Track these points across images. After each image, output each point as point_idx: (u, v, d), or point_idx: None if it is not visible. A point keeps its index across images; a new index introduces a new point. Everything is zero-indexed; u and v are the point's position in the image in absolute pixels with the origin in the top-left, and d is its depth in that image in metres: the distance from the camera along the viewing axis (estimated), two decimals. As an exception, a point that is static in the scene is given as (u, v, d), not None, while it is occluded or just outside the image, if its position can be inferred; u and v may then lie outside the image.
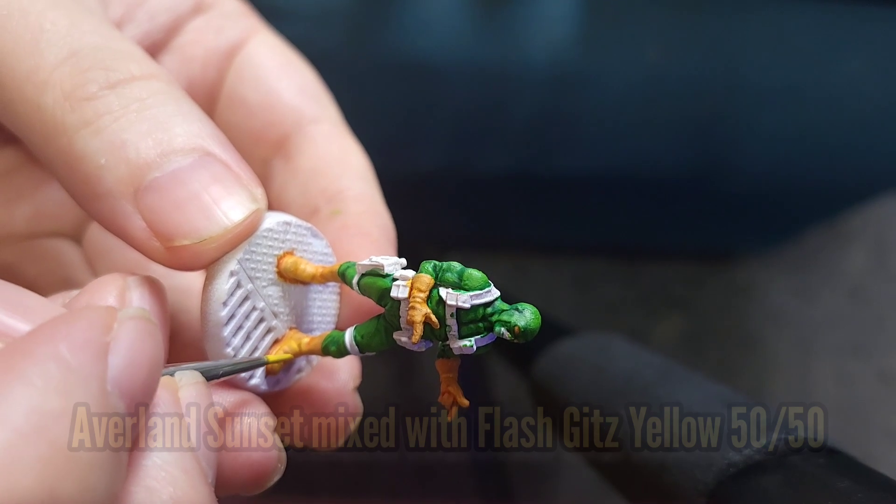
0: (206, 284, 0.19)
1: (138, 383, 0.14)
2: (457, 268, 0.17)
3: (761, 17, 0.52)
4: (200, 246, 0.18)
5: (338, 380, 0.22)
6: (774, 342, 0.83)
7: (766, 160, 0.59)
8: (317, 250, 0.21)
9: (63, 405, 0.12)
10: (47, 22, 0.18)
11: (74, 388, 0.13)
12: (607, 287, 0.86)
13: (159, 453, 0.15)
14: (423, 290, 0.17)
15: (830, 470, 0.25)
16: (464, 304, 0.17)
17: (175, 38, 0.23)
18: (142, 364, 0.14)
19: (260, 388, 0.21)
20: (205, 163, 0.18)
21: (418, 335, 0.17)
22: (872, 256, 0.73)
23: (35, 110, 0.18)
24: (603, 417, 0.32)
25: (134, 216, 0.17)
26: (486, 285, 0.17)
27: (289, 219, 0.20)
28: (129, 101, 0.18)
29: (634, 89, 0.53)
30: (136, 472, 0.14)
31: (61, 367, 0.13)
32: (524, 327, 0.17)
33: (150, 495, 0.14)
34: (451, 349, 0.18)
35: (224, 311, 0.19)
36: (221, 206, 0.18)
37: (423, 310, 0.17)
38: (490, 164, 0.57)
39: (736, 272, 0.86)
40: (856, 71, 0.54)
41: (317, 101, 0.24)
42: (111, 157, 0.17)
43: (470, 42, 0.49)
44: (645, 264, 0.86)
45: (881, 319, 0.72)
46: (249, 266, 0.19)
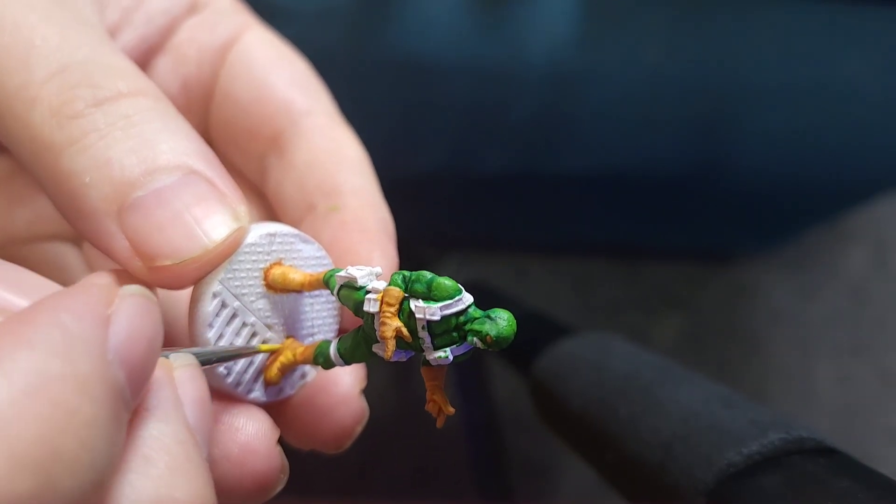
0: (192, 307, 0.19)
1: (138, 355, 0.14)
2: (426, 277, 0.17)
3: (761, 17, 0.52)
4: (181, 266, 0.18)
5: (343, 384, 0.22)
6: (774, 342, 0.83)
7: (767, 160, 0.59)
8: (308, 255, 0.21)
9: (64, 368, 0.13)
10: (38, 37, 0.18)
11: (75, 353, 0.13)
12: (607, 287, 0.86)
13: (156, 425, 0.15)
14: (393, 304, 0.17)
15: (830, 470, 0.25)
16: (433, 316, 0.16)
17: (170, 38, 0.23)
18: (141, 338, 0.15)
19: (260, 399, 0.20)
20: (188, 181, 0.18)
21: (391, 350, 0.17)
22: (872, 256, 0.73)
23: (24, 126, 0.18)
24: (603, 417, 0.32)
25: (117, 235, 0.18)
26: (457, 293, 0.17)
27: (273, 229, 0.20)
28: (115, 119, 0.18)
29: (634, 89, 0.53)
30: (133, 442, 0.15)
31: (63, 333, 0.13)
32: (496, 336, 0.16)
33: (146, 463, 0.14)
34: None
35: (211, 333, 0.19)
36: (203, 226, 0.18)
37: (392, 324, 0.17)
38: (490, 164, 0.57)
39: (736, 272, 0.86)
40: (856, 71, 0.54)
41: (309, 93, 0.24)
42: (96, 175, 0.17)
43: (470, 42, 0.49)
44: (645, 264, 0.86)
45: (881, 319, 0.72)
46: (234, 284, 0.19)
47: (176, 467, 0.15)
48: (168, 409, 0.15)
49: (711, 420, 0.28)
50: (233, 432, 0.19)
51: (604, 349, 0.37)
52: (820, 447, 0.26)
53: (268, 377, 0.20)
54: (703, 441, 0.27)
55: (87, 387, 0.13)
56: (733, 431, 0.27)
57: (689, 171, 0.60)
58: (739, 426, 0.27)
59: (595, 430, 0.33)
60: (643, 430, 0.30)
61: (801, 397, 0.79)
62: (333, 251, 0.21)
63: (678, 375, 0.33)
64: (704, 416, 0.28)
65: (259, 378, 0.20)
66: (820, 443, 0.26)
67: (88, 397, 0.13)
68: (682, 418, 0.29)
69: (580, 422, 0.34)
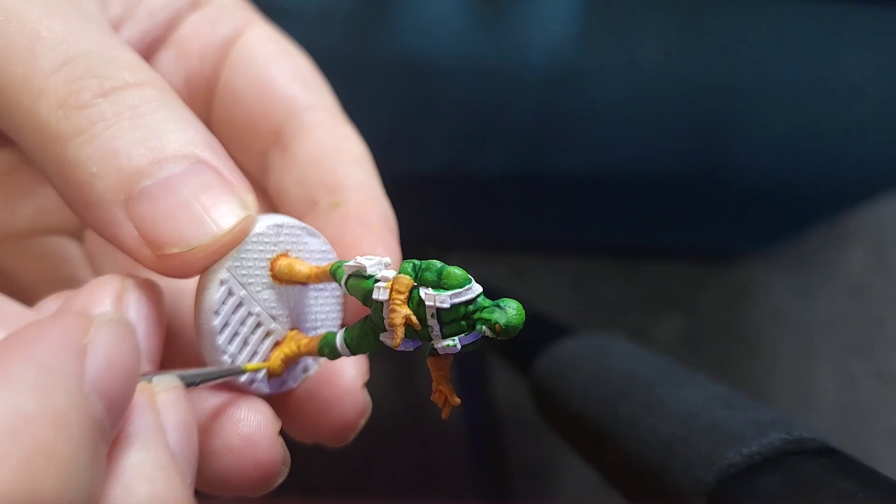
0: (198, 294, 0.19)
1: (116, 385, 0.14)
2: (436, 266, 0.17)
3: (761, 17, 0.52)
4: (190, 254, 0.18)
5: (346, 377, 0.22)
6: (774, 342, 0.83)
7: (767, 160, 0.60)
8: (314, 248, 0.21)
9: (40, 405, 0.12)
10: (43, 28, 0.18)
11: (52, 388, 0.13)
12: (607, 287, 0.86)
13: (137, 453, 0.15)
14: (403, 292, 0.17)
15: (830, 470, 0.25)
16: (443, 304, 0.17)
17: (173, 33, 0.23)
18: (119, 366, 0.14)
19: (263, 390, 0.20)
20: (196, 170, 0.18)
21: (399, 338, 0.17)
22: (872, 256, 0.73)
23: (30, 117, 0.18)
24: (603, 417, 0.32)
25: (125, 224, 0.18)
26: (467, 282, 0.17)
27: (281, 221, 0.20)
28: (121, 109, 0.18)
29: (634, 89, 0.53)
30: (114, 473, 0.14)
31: (38, 368, 0.13)
32: (505, 324, 0.16)
33: (126, 493, 0.14)
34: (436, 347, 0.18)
35: (216, 321, 0.19)
36: (211, 214, 0.18)
37: (402, 312, 0.17)
38: (490, 164, 0.57)
39: (736, 272, 0.86)
40: (856, 71, 0.54)
41: (311, 89, 0.24)
42: (103, 165, 0.17)
43: (470, 42, 0.49)
44: (645, 264, 0.86)
45: (881, 319, 0.72)
46: (241, 273, 0.19)
47: (157, 496, 0.14)
48: (148, 437, 0.15)
49: (711, 420, 0.28)
50: (235, 423, 0.19)
51: (604, 349, 0.37)
52: (820, 447, 0.26)
53: (271, 369, 0.20)
54: (704, 441, 0.27)
55: (65, 423, 0.13)
56: (733, 431, 0.27)
57: (690, 170, 0.60)
58: (739, 426, 0.27)
59: (595, 430, 0.33)
60: (643, 429, 0.30)
61: (801, 397, 0.79)
62: (336, 247, 0.21)
63: (678, 375, 0.33)
64: (704, 416, 0.28)
65: (263, 370, 0.20)
66: (820, 443, 0.26)
67: (66, 435, 0.13)
68: (682, 418, 0.29)
69: (580, 422, 0.34)
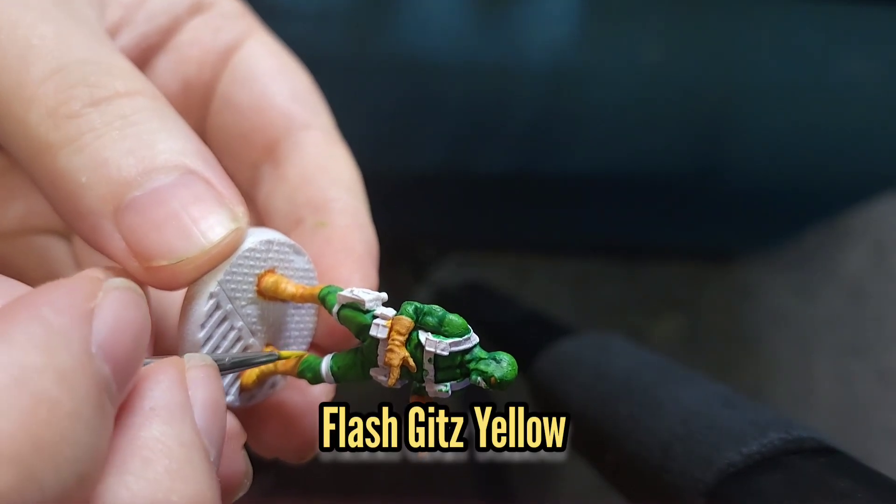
0: (185, 304, 0.19)
1: (123, 349, 0.14)
2: (438, 312, 0.17)
3: (761, 17, 0.52)
4: (178, 267, 0.18)
5: (310, 394, 0.22)
6: (774, 342, 0.83)
7: (766, 160, 0.60)
8: (298, 267, 0.21)
9: (44, 361, 0.13)
10: (35, 36, 0.18)
11: (55, 346, 0.13)
12: (607, 287, 0.86)
13: (160, 426, 0.15)
14: (403, 333, 0.17)
15: (830, 470, 0.25)
16: (443, 351, 0.17)
17: (172, 38, 0.23)
18: (126, 330, 0.14)
19: (234, 404, 0.20)
20: (186, 181, 0.18)
21: (395, 378, 0.18)
22: (872, 256, 0.73)
23: (20, 126, 0.17)
24: (603, 417, 0.32)
25: (114, 235, 0.17)
26: (466, 332, 0.17)
27: (272, 237, 0.20)
28: (111, 119, 0.18)
29: (634, 89, 0.53)
30: (133, 443, 0.14)
31: (43, 326, 0.13)
32: (500, 378, 0.17)
33: (144, 465, 0.14)
34: (426, 390, 0.18)
35: (201, 333, 0.19)
36: (200, 227, 0.18)
37: (401, 353, 0.17)
38: (490, 163, 0.57)
39: (736, 272, 0.86)
40: (856, 71, 0.54)
41: (309, 107, 0.24)
42: (92, 176, 0.17)
43: (470, 41, 0.49)
44: (645, 264, 0.86)
45: (881, 319, 0.72)
46: (230, 287, 0.19)
47: (176, 470, 0.14)
48: (174, 410, 0.15)
49: (711, 420, 0.28)
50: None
51: (604, 349, 0.37)
52: (820, 447, 0.26)
53: (245, 383, 0.20)
54: (703, 441, 0.27)
55: (69, 379, 0.13)
56: (733, 431, 0.27)
57: (689, 170, 0.60)
58: (739, 426, 0.27)
59: (595, 430, 0.33)
60: (643, 429, 0.30)
61: (801, 397, 0.79)
62: (317, 268, 0.21)
63: (678, 375, 0.33)
64: (704, 416, 0.28)
65: (236, 383, 0.20)
66: (820, 443, 0.26)
67: (69, 390, 0.13)
68: (682, 418, 0.29)
69: (580, 422, 0.34)
